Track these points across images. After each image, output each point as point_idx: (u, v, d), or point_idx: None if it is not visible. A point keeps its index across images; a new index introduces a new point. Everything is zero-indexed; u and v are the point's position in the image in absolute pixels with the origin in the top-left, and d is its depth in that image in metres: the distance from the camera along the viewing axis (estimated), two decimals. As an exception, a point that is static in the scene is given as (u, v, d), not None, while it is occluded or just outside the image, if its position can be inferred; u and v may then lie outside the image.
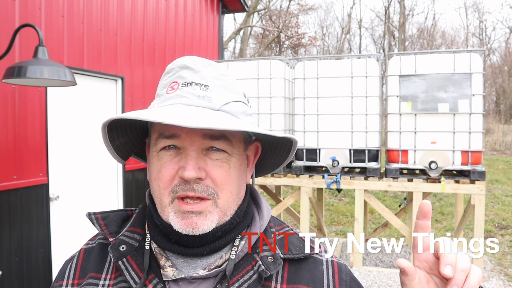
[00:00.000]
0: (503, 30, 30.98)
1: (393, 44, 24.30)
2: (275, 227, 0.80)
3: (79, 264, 0.79)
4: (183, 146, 0.69)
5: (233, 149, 0.72)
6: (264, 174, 0.90)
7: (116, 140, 0.75)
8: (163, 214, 0.71)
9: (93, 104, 4.13)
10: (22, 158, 3.32)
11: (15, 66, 2.46)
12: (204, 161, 0.69)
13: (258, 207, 0.81)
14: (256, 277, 0.70)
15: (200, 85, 0.71)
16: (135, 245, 0.75)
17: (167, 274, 0.71)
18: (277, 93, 5.06)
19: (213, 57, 6.52)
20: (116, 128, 0.74)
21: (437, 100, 4.52)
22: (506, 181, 10.71)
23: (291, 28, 22.34)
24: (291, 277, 0.73)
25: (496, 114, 22.08)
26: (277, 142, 0.81)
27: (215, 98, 0.70)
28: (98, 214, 0.80)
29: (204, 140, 0.69)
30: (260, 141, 0.82)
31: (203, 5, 6.26)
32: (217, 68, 0.74)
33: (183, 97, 0.70)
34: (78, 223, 3.87)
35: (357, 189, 4.81)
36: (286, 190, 9.21)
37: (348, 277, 0.75)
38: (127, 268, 0.72)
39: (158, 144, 0.71)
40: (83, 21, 3.93)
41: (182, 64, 0.73)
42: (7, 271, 3.17)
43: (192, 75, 0.71)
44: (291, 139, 0.75)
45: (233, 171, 0.72)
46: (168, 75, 0.75)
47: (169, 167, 0.69)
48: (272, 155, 0.85)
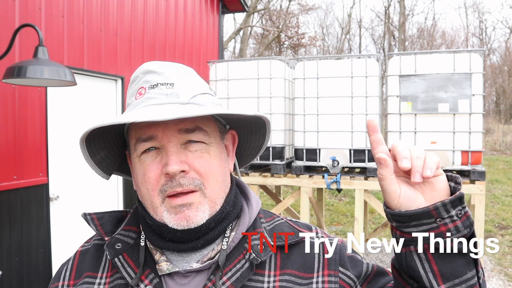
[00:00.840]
0: (503, 30, 31.00)
1: (393, 44, 24.30)
2: (265, 218, 0.81)
3: (74, 265, 0.80)
4: (162, 145, 0.71)
5: (210, 138, 0.74)
6: (248, 163, 0.92)
7: (97, 154, 0.77)
8: (156, 215, 0.72)
9: (93, 104, 4.13)
10: (22, 158, 3.32)
11: (15, 66, 2.46)
12: (184, 154, 0.71)
13: (247, 199, 0.82)
14: (248, 265, 0.71)
15: (166, 84, 0.73)
16: (130, 242, 0.76)
17: (162, 269, 0.72)
18: (277, 93, 5.06)
19: (213, 57, 6.52)
20: (94, 142, 0.75)
21: (437, 100, 4.52)
22: (506, 181, 10.71)
23: (291, 28, 22.34)
24: (283, 264, 0.74)
25: (496, 114, 22.08)
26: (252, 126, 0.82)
27: (182, 93, 0.72)
28: (93, 214, 0.81)
29: (180, 134, 0.71)
30: (236, 129, 0.84)
31: (203, 5, 6.26)
32: (179, 67, 0.77)
33: (152, 98, 0.72)
34: (78, 223, 3.87)
35: (357, 189, 4.81)
36: (286, 190, 9.21)
37: (337, 255, 0.76)
38: (123, 264, 0.73)
39: (137, 149, 0.73)
40: (83, 21, 3.93)
41: (145, 70, 0.76)
42: (7, 271, 3.17)
43: (156, 77, 0.74)
44: (262, 117, 0.77)
45: (214, 159, 0.73)
46: (134, 83, 0.77)
47: (153, 167, 0.71)
48: (249, 141, 0.86)
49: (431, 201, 0.63)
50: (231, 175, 0.81)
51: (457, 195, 0.62)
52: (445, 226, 0.61)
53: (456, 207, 0.62)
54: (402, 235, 0.65)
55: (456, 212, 0.62)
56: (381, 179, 0.64)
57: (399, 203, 0.63)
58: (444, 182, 0.64)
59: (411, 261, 0.64)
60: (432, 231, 0.62)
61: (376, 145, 0.66)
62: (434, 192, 0.63)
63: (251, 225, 0.77)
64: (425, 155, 0.63)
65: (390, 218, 0.66)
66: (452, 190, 0.65)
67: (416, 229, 0.63)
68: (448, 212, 0.61)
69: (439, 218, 0.62)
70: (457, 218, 0.62)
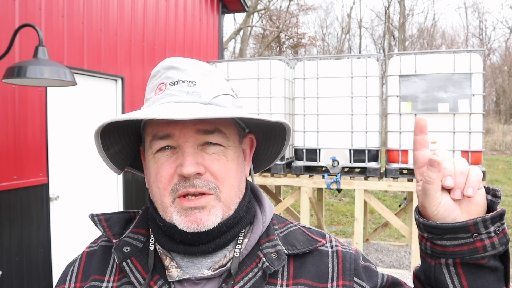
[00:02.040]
0: (503, 30, 31.01)
1: (393, 44, 24.31)
2: (278, 224, 0.79)
3: (81, 267, 0.78)
4: (178, 145, 0.68)
5: (228, 141, 0.71)
6: (263, 168, 0.89)
7: (110, 148, 0.74)
8: (166, 215, 0.70)
9: (93, 104, 4.13)
10: (22, 158, 3.32)
11: (15, 66, 2.46)
12: (201, 156, 0.68)
13: (260, 204, 0.80)
14: (261, 274, 0.69)
15: (188, 82, 0.70)
16: (139, 246, 0.74)
17: (172, 275, 0.70)
18: (277, 93, 5.06)
19: (213, 57, 6.52)
20: (109, 135, 0.73)
21: (437, 100, 4.52)
22: (506, 181, 10.71)
23: (291, 28, 22.34)
24: (297, 273, 0.71)
25: (496, 114, 22.09)
26: (271, 132, 0.80)
27: (204, 92, 0.70)
28: (101, 215, 0.79)
29: (199, 135, 0.68)
30: (254, 133, 0.81)
31: (203, 5, 6.26)
32: (202, 65, 0.74)
33: (172, 95, 0.69)
34: (78, 223, 3.88)
35: (357, 189, 4.81)
36: (286, 190, 9.21)
37: (353, 265, 0.74)
38: (131, 269, 0.71)
39: (153, 147, 0.70)
40: (83, 21, 3.93)
41: (167, 65, 0.73)
42: (7, 271, 3.17)
43: (178, 74, 0.71)
44: (284, 124, 0.74)
45: (231, 163, 0.71)
46: (155, 78, 0.75)
47: (167, 167, 0.69)
48: (267, 146, 0.84)
49: (466, 214, 0.61)
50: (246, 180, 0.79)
51: (499, 211, 0.60)
52: (481, 242, 0.60)
53: (495, 224, 0.60)
54: (433, 247, 0.63)
55: (494, 229, 0.60)
56: (429, 182, 0.61)
57: (437, 211, 0.61)
58: (483, 196, 0.62)
59: (440, 274, 0.63)
60: (467, 246, 0.60)
61: (420, 146, 0.64)
62: (471, 205, 0.61)
63: (264, 231, 0.75)
64: (469, 171, 0.61)
65: (422, 228, 0.64)
66: (489, 203, 0.63)
67: (450, 242, 0.61)
68: (486, 228, 0.59)
69: (476, 233, 0.60)
70: (495, 235, 0.60)
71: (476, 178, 0.60)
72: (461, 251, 0.61)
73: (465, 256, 0.61)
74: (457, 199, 0.60)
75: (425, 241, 0.64)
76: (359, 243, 4.83)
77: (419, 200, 0.64)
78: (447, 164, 0.61)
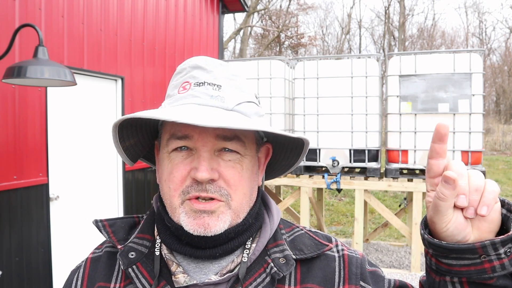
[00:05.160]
0: (503, 30, 31.02)
1: (393, 44, 24.31)
2: (285, 229, 0.78)
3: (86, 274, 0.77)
4: (195, 147, 0.68)
5: (245, 150, 0.70)
6: (274, 177, 0.88)
7: (126, 141, 0.74)
8: (174, 216, 0.69)
9: (93, 104, 4.13)
10: (22, 158, 3.32)
11: (15, 66, 2.46)
12: (216, 162, 0.67)
13: (268, 210, 0.80)
14: (269, 279, 0.68)
15: (213, 85, 0.69)
16: (144, 251, 0.73)
17: (179, 281, 0.69)
18: (277, 93, 5.06)
19: (213, 57, 6.50)
20: (127, 128, 0.72)
21: (437, 100, 4.52)
22: (506, 181, 10.71)
23: (291, 28, 22.35)
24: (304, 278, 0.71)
25: (496, 114, 22.09)
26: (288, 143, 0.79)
27: (228, 98, 0.69)
28: (105, 221, 0.78)
29: (217, 141, 0.67)
30: (271, 143, 0.80)
31: (203, 5, 6.26)
32: (228, 68, 0.73)
33: (196, 97, 0.68)
34: (78, 223, 3.88)
35: (357, 189, 4.81)
36: (286, 190, 9.21)
37: (359, 269, 0.73)
38: (137, 275, 0.70)
39: (169, 145, 0.69)
40: (83, 21, 3.93)
41: (194, 64, 0.72)
42: (7, 271, 3.17)
43: (204, 75, 0.70)
44: (304, 140, 0.74)
45: (246, 172, 0.70)
46: (180, 75, 0.73)
47: (181, 168, 0.68)
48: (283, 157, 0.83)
49: (478, 231, 0.58)
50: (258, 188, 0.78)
51: (509, 235, 0.56)
52: (490, 264, 0.57)
53: (506, 245, 0.56)
54: (438, 264, 0.60)
55: (505, 250, 0.56)
56: (441, 199, 0.57)
57: (446, 228, 0.58)
58: (498, 212, 0.58)
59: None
60: (474, 267, 0.57)
61: (436, 156, 0.60)
62: (484, 222, 0.58)
63: (272, 236, 0.75)
64: (484, 187, 0.57)
65: (427, 244, 0.61)
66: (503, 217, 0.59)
67: (456, 262, 0.58)
68: (496, 251, 0.56)
69: (484, 255, 0.57)
70: (505, 256, 0.56)
71: (492, 196, 0.57)
72: (468, 271, 0.58)
73: (472, 276, 0.58)
74: (469, 217, 0.57)
75: (430, 256, 0.62)
76: (359, 243, 4.83)
77: (428, 213, 0.61)
78: (462, 181, 0.57)
